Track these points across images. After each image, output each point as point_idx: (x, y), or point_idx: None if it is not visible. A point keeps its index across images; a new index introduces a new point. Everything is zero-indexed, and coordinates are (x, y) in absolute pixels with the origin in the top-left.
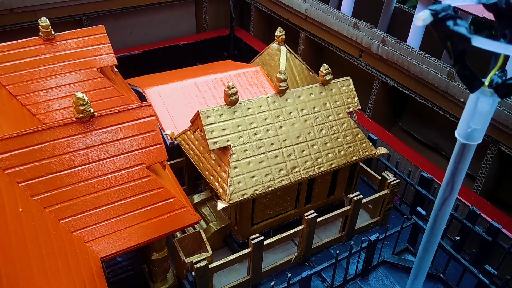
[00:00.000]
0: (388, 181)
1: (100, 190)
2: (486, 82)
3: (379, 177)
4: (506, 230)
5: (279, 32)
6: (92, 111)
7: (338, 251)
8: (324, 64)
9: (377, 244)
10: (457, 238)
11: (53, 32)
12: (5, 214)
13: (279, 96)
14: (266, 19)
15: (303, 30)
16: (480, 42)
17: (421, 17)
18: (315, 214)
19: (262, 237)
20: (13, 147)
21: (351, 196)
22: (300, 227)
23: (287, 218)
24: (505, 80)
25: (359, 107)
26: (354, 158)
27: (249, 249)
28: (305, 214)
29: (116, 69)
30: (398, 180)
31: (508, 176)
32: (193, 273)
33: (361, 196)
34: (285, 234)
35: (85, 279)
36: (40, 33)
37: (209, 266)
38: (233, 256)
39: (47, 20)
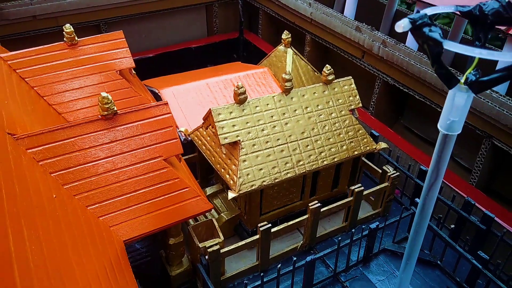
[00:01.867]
0: (389, 174)
1: (123, 180)
2: (462, 80)
3: (380, 171)
4: (499, 219)
5: (285, 35)
6: (115, 109)
7: (340, 238)
8: (327, 65)
9: (378, 233)
10: (452, 226)
11: (76, 38)
12: (42, 199)
13: (285, 95)
14: (273, 22)
15: (308, 33)
16: (450, 45)
17: (401, 25)
18: (319, 204)
19: (270, 225)
20: (45, 141)
21: (353, 187)
22: (305, 216)
23: (293, 209)
24: (478, 78)
25: (360, 105)
26: (356, 152)
27: (257, 236)
28: (310, 204)
29: (134, 71)
30: (398, 173)
31: (503, 169)
32: (206, 257)
33: (362, 188)
34: (291, 222)
35: (111, 259)
36: (65, 39)
37: (221, 251)
38: (243, 242)
39: (71, 26)
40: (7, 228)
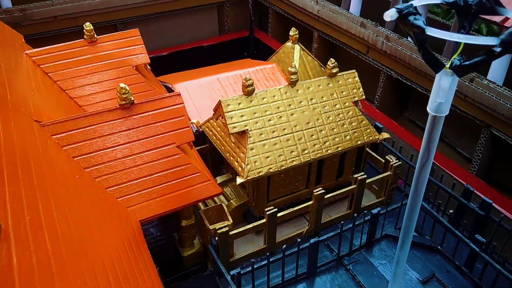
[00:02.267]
0: (391, 163)
1: (139, 165)
2: (448, 64)
3: (383, 160)
4: (497, 205)
5: (292, 32)
6: (132, 99)
7: (342, 222)
8: (331, 59)
9: (380, 219)
10: (451, 211)
11: (95, 35)
12: (67, 180)
13: (291, 87)
14: (282, 20)
15: (316, 30)
16: (432, 31)
17: (389, 14)
18: (323, 191)
19: (276, 209)
20: (69, 128)
21: (356, 175)
22: (310, 202)
23: (299, 196)
24: (461, 62)
25: (364, 97)
26: (359, 142)
27: (264, 220)
28: (314, 191)
29: (149, 67)
30: (400, 162)
31: (501, 158)
32: (216, 238)
33: (365, 176)
34: (296, 208)
35: (129, 237)
36: (85, 36)
37: (230, 233)
38: (251, 225)
39: (91, 25)
40: (37, 200)
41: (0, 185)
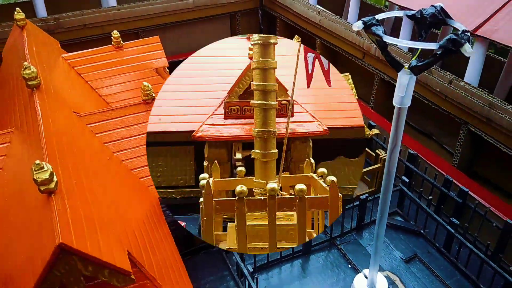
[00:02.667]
0: (381, 156)
1: None
2: (406, 65)
3: (374, 154)
4: (472, 193)
5: (295, 39)
6: (153, 95)
7: None
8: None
9: (369, 206)
10: (430, 197)
11: (122, 42)
12: (100, 159)
13: None
14: (288, 29)
15: (318, 37)
16: (387, 39)
17: (356, 25)
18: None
19: None
20: (101, 119)
21: None
22: None
23: None
24: (417, 63)
25: (356, 96)
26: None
27: None
28: None
29: (167, 70)
30: None
31: (479, 152)
32: None
33: None
34: None
35: (151, 210)
36: (112, 42)
37: None
38: None
39: (118, 32)
40: (79, 170)
41: (53, 156)
